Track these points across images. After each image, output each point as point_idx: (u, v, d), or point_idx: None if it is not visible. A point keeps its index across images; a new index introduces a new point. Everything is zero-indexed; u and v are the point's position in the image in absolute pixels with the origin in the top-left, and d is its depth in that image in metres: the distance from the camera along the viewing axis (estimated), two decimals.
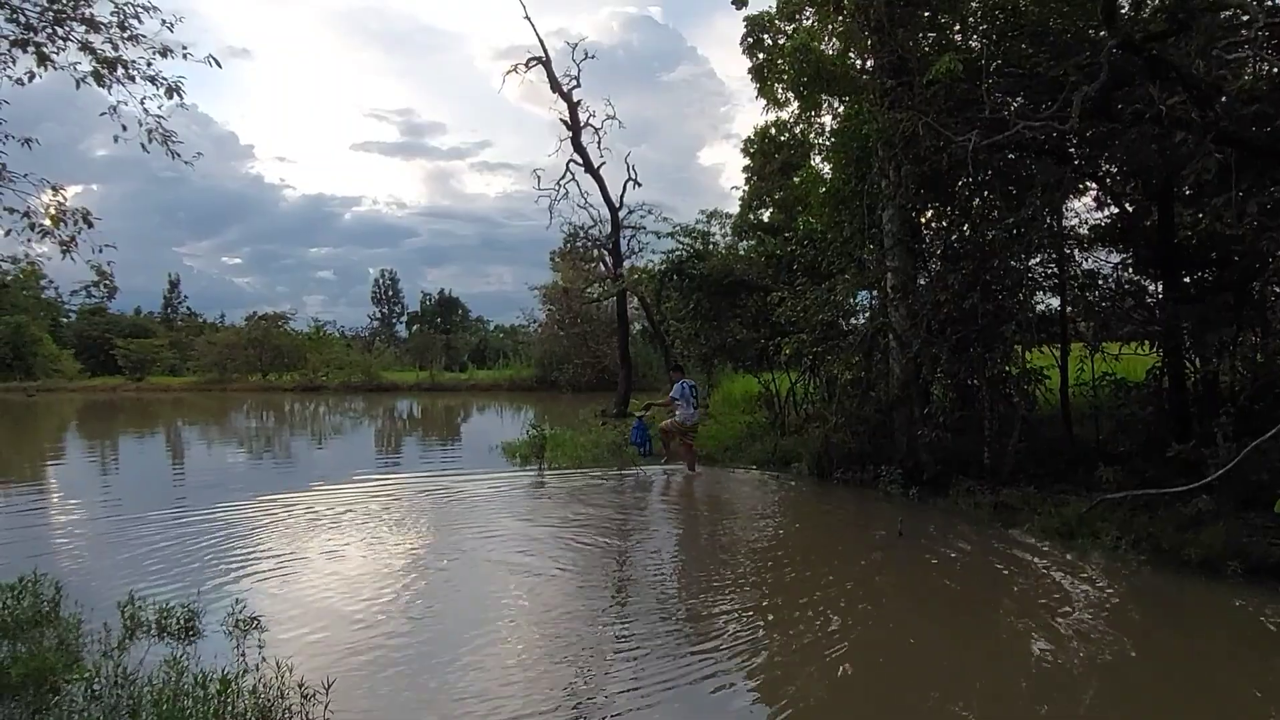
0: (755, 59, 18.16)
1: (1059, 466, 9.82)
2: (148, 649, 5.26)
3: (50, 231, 6.47)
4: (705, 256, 16.43)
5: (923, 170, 10.44)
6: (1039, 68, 9.46)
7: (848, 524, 9.71)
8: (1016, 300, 10.06)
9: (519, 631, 5.90)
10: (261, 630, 5.68)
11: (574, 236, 30.69)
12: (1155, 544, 7.30)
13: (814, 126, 20.05)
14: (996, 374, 9.98)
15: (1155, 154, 9.12)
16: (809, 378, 14.47)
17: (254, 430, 25.24)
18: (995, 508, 9.06)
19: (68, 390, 47.54)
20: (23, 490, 13.00)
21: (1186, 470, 8.01)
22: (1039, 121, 8.28)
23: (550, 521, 9.73)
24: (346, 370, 44.95)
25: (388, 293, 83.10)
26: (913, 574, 7.47)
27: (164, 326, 65.39)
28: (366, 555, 8.15)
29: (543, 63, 24.40)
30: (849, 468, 11.35)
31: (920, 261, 11.69)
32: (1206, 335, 9.28)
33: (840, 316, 12.41)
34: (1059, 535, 8.06)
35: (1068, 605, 6.29)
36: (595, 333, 36.86)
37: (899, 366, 11.11)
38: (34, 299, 54.24)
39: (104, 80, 6.64)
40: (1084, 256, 11.14)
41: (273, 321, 50.92)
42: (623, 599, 6.81)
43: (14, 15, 6.51)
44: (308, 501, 10.92)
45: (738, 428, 15.91)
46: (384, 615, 6.20)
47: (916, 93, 10.22)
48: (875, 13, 10.95)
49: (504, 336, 61.02)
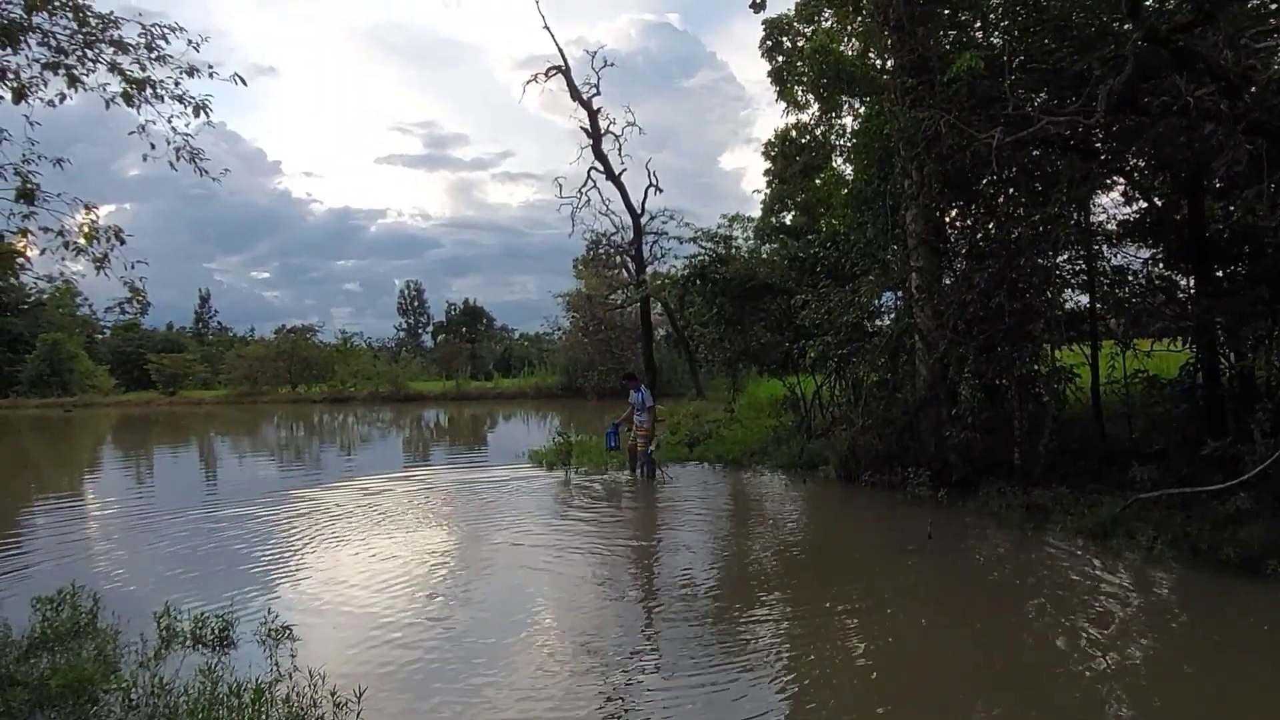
0: (774, 62, 18.17)
1: (1091, 466, 9.66)
2: (183, 659, 5.33)
3: (84, 249, 6.59)
4: (728, 261, 16.37)
5: (946, 169, 10.35)
6: (1062, 62, 9.36)
7: (876, 527, 9.62)
8: (1044, 298, 9.93)
9: (548, 637, 5.91)
10: (294, 640, 5.73)
11: (596, 244, 30.95)
12: (1192, 544, 7.15)
13: (835, 128, 19.98)
14: (1025, 373, 9.85)
15: (1184, 147, 8.99)
16: (834, 380, 14.39)
17: (284, 440, 25.55)
18: (1027, 509, 8.92)
19: (103, 405, 48.38)
20: (63, 503, 13.24)
21: (1223, 468, 7.87)
22: (1064, 117, 8.18)
23: (576, 526, 9.74)
24: (374, 381, 45.34)
25: (413, 303, 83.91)
26: (944, 577, 7.38)
27: (195, 341, 66.47)
28: (396, 559, 8.23)
29: (563, 72, 24.62)
30: (877, 470, 11.24)
31: (945, 261, 11.60)
32: (1241, 330, 9.11)
33: (865, 318, 12.32)
34: (1093, 536, 7.92)
35: (1104, 607, 6.18)
36: (619, 339, 36.89)
37: (925, 367, 11.01)
38: (70, 316, 55.38)
39: (133, 100, 6.76)
40: (1113, 252, 11.00)
41: (301, 334, 51.53)
42: (651, 603, 6.80)
43: (45, 39, 6.66)
44: (338, 507, 11.02)
45: (764, 431, 15.84)
46: (414, 621, 6.24)
47: (938, 91, 10.15)
48: (895, 12, 10.91)
49: (529, 345, 61.41)
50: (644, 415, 13.16)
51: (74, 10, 6.61)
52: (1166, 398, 10.04)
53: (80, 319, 57.55)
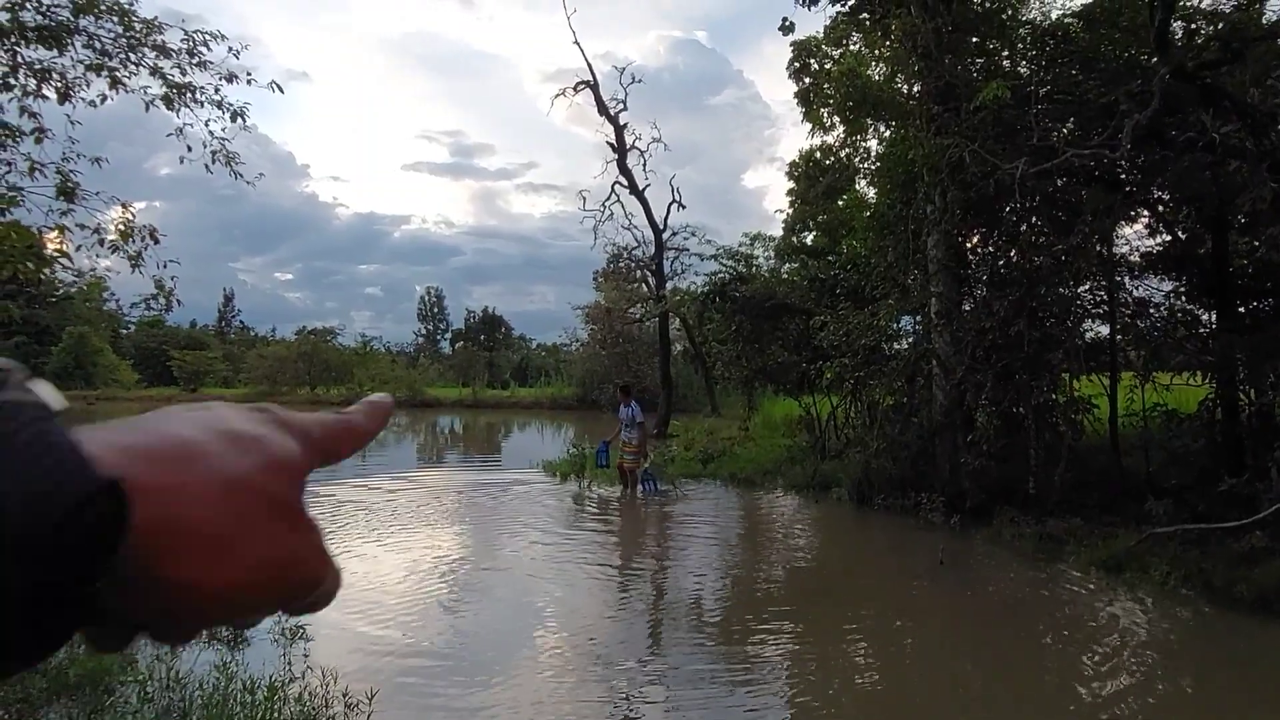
0: (801, 83, 18.25)
1: (1107, 498, 9.61)
2: (199, 654, 5.41)
3: (119, 247, 6.75)
4: (748, 279, 16.44)
5: (969, 195, 10.37)
6: (1089, 94, 9.38)
7: (888, 552, 9.60)
8: (1065, 328, 9.92)
9: (555, 644, 5.97)
10: (306, 639, 5.81)
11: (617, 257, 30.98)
12: (1206, 580, 7.09)
13: (859, 151, 20.02)
14: (1043, 402, 9.82)
15: (1209, 182, 8.97)
16: (850, 402, 14.37)
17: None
18: (1040, 539, 8.88)
19: (125, 400, 48.96)
20: None
21: (1239, 505, 7.80)
22: (1089, 149, 8.21)
23: (587, 537, 9.80)
24: (391, 385, 45.56)
25: (433, 310, 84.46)
26: (955, 605, 7.36)
27: (218, 339, 67.21)
28: (408, 562, 8.32)
29: (591, 86, 24.81)
30: (890, 494, 11.21)
31: (965, 287, 11.59)
32: (1262, 366, 9.04)
33: (883, 341, 12.33)
34: (1106, 569, 7.87)
35: (1116, 642, 6.15)
36: (637, 353, 36.93)
37: (942, 393, 10.99)
38: (96, 310, 56.18)
39: (173, 104, 6.94)
40: (1135, 284, 10.96)
41: (321, 336, 52.00)
42: (658, 618, 6.84)
43: (90, 41, 6.85)
44: (351, 506, 11.14)
45: (778, 450, 15.84)
46: (425, 624, 6.32)
47: (963, 118, 10.19)
48: (923, 38, 10.96)
49: (546, 355, 61.48)
50: (633, 432, 12.86)
51: (119, 15, 6.80)
52: (1185, 432, 9.97)
53: (106, 314, 58.42)
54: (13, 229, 5.88)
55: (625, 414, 12.97)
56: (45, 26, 6.37)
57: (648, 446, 13.42)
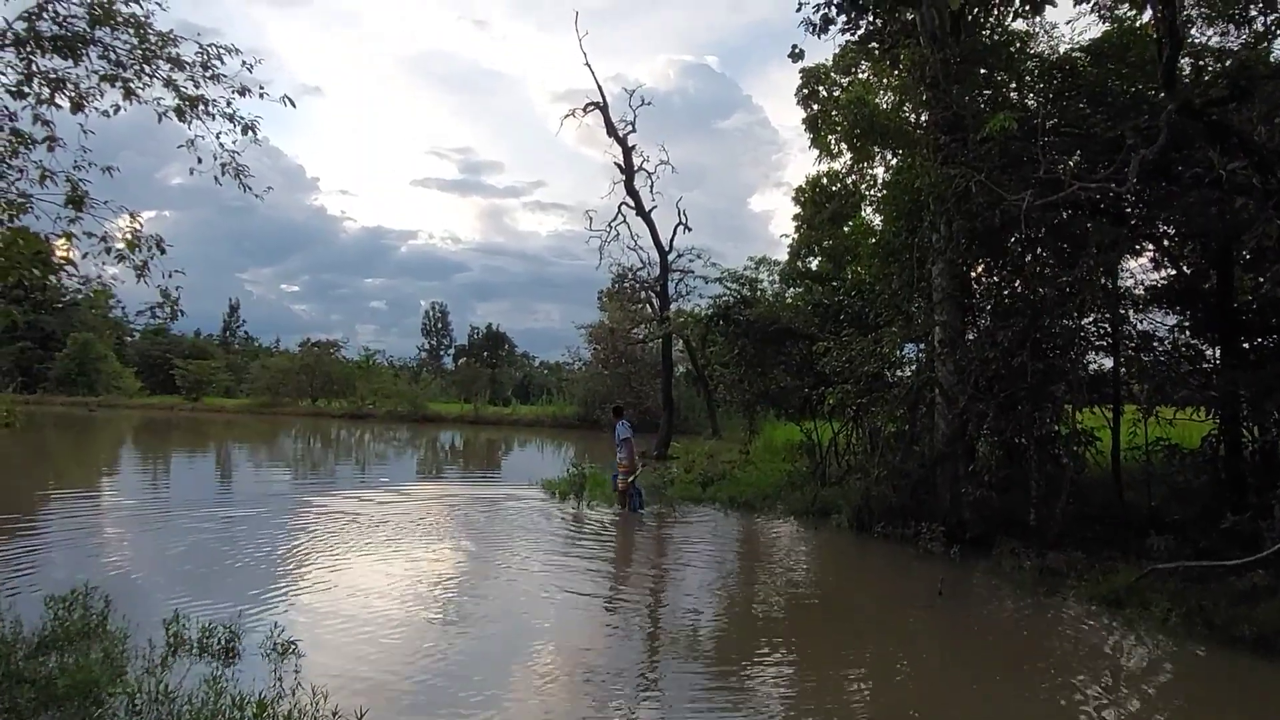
0: (809, 110, 18.35)
1: (1108, 532, 9.53)
2: (189, 667, 5.37)
3: (126, 256, 6.74)
4: (752, 303, 16.43)
5: (974, 225, 10.36)
6: (1095, 127, 9.42)
7: (887, 580, 9.53)
8: (1068, 360, 9.89)
9: (549, 665, 5.92)
10: (298, 655, 5.75)
11: (622, 277, 31.09)
12: (1207, 618, 7.01)
13: (866, 178, 20.09)
14: (1045, 433, 9.77)
15: (1215, 217, 8.97)
16: (852, 428, 14.32)
17: (301, 452, 25.74)
18: (1040, 571, 8.80)
19: (127, 407, 49.03)
20: (81, 499, 13.40)
21: (1242, 543, 7.75)
22: (1095, 183, 8.22)
23: (584, 558, 9.74)
24: (393, 400, 45.62)
25: (437, 325, 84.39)
26: (953, 637, 7.29)
27: (222, 349, 67.27)
28: (403, 578, 8.29)
29: (600, 108, 24.98)
30: (890, 522, 11.12)
31: (969, 316, 11.58)
32: (1265, 404, 9.00)
33: (886, 368, 12.29)
34: (1107, 604, 7.78)
35: (1115, 678, 6.09)
36: (639, 373, 36.93)
37: (944, 422, 10.94)
38: (102, 317, 56.25)
39: (185, 116, 6.96)
40: (1139, 317, 10.93)
41: (325, 349, 52.09)
42: (654, 641, 6.78)
43: (105, 52, 6.89)
44: (350, 519, 11.09)
45: (778, 475, 15.76)
46: (419, 642, 6.27)
47: (970, 149, 10.23)
48: (931, 69, 11.02)
49: (549, 373, 61.51)
50: (621, 451, 13.39)
51: (135, 26, 6.83)
52: (1187, 467, 9.91)
53: (111, 321, 58.46)
54: (20, 235, 5.89)
55: (617, 432, 13.62)
56: (61, 36, 6.41)
57: (637, 464, 13.63)
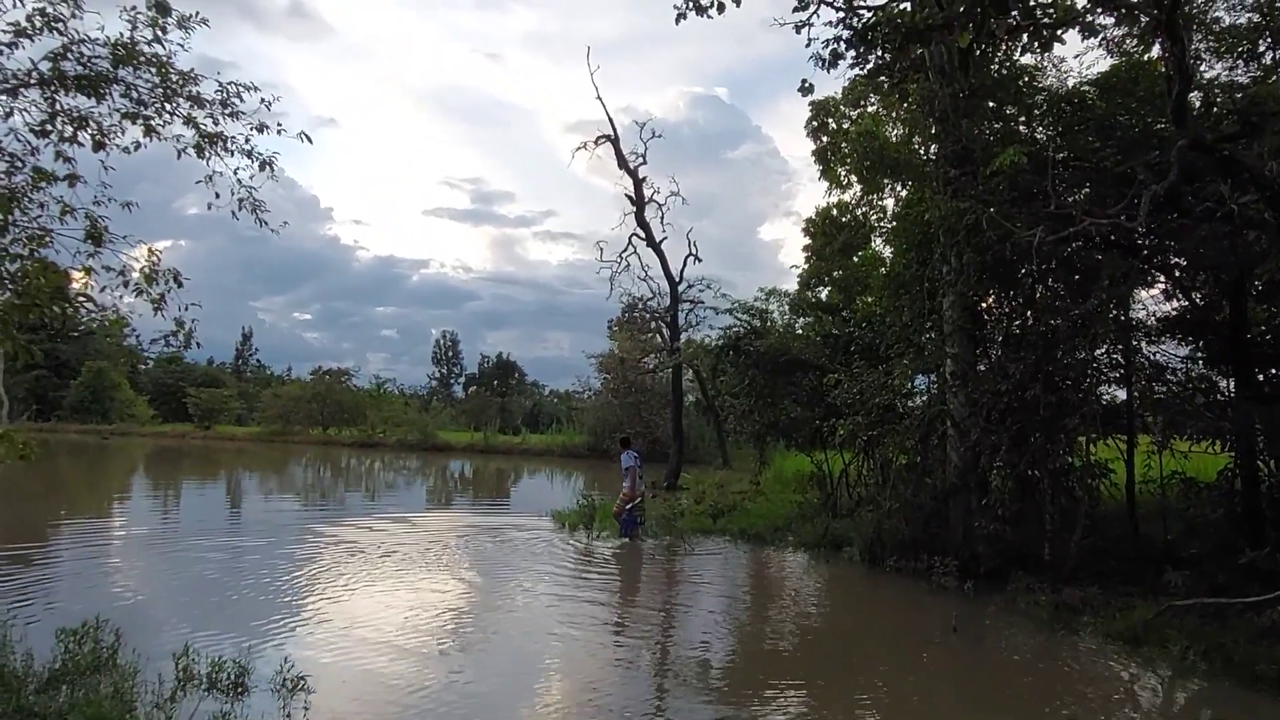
0: (819, 142, 18.54)
1: (1124, 566, 9.42)
2: (198, 703, 5.35)
3: (144, 290, 6.83)
4: (762, 333, 16.46)
5: (985, 258, 10.36)
6: (1106, 161, 9.44)
7: (900, 615, 9.42)
8: (1081, 391, 9.83)
9: (558, 700, 5.88)
10: (307, 691, 5.70)
11: (632, 307, 31.19)
12: (1227, 656, 6.89)
13: (876, 209, 20.20)
14: (1059, 466, 9.70)
15: (1227, 250, 8.97)
16: (863, 460, 14.24)
17: (311, 481, 25.76)
18: (1056, 607, 8.67)
19: (140, 435, 49.21)
20: (93, 528, 13.44)
21: (1261, 579, 7.64)
22: (1106, 218, 8.23)
23: (593, 590, 9.68)
24: (404, 428, 45.65)
25: (448, 353, 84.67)
26: (968, 675, 7.20)
27: (234, 377, 67.64)
28: (411, 610, 8.27)
29: (611, 140, 25.23)
30: (902, 556, 11.00)
31: (980, 349, 11.55)
32: None
33: (897, 400, 12.24)
34: (1124, 641, 7.66)
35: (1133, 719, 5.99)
36: (649, 403, 36.87)
37: (956, 454, 10.87)
38: (116, 346, 56.75)
39: (204, 152, 7.08)
40: (1151, 349, 10.87)
41: (336, 377, 52.22)
42: (663, 675, 6.72)
43: (127, 91, 7.03)
44: (359, 549, 11.08)
45: (788, 506, 15.67)
46: (426, 680, 6.23)
47: (980, 182, 10.27)
48: (940, 103, 11.11)
49: (558, 402, 61.47)
50: (626, 480, 13.62)
51: (157, 65, 6.98)
52: (1203, 501, 9.81)
53: (125, 349, 58.95)
54: (42, 271, 5.97)
55: (621, 462, 13.98)
56: (85, 76, 6.55)
57: (639, 493, 13.72)
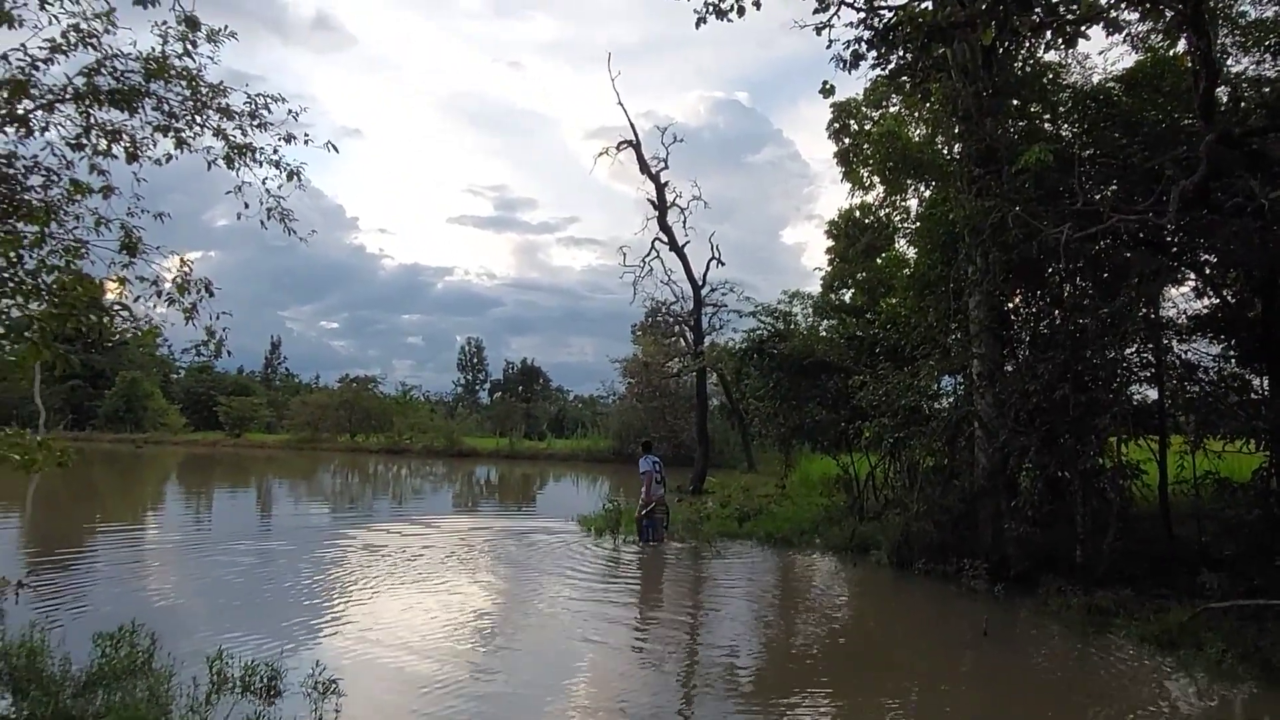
0: (841, 143, 18.44)
1: (1158, 568, 9.27)
2: (232, 706, 5.43)
3: (176, 299, 6.96)
4: (786, 336, 16.40)
5: (1011, 257, 10.27)
6: (1133, 158, 9.33)
7: (929, 619, 9.34)
8: (1111, 391, 9.70)
9: (587, 705, 5.90)
10: (339, 694, 5.76)
11: (655, 311, 31.27)
12: (1265, 660, 6.76)
13: (899, 210, 20.08)
14: (1090, 467, 9.57)
15: (1257, 246, 8.81)
16: (889, 462, 14.14)
17: (340, 486, 26.05)
18: (1088, 610, 8.54)
19: (172, 444, 49.97)
20: (128, 534, 13.68)
21: None
22: (1134, 215, 8.14)
23: (620, 595, 9.71)
24: (430, 435, 46.00)
25: (473, 360, 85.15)
26: (999, 678, 7.12)
27: (263, 386, 68.49)
28: (440, 615, 8.35)
29: (633, 146, 25.29)
30: (931, 559, 10.90)
31: (1008, 349, 11.43)
32: None
33: (923, 401, 12.14)
34: (1159, 644, 7.53)
35: None
36: (674, 407, 36.87)
37: (985, 456, 10.77)
38: (149, 356, 57.69)
39: (233, 163, 7.23)
40: (1183, 347, 10.69)
41: (363, 384, 52.76)
42: (690, 682, 6.72)
43: (160, 104, 7.19)
44: (388, 554, 11.18)
45: (815, 510, 15.61)
46: (456, 682, 6.28)
47: (1005, 181, 10.19)
48: (963, 101, 11.04)
49: (583, 407, 61.69)
50: (644, 485, 13.67)
51: (188, 79, 7.13)
52: (1238, 502, 9.61)
53: (158, 359, 59.89)
54: (79, 281, 6.11)
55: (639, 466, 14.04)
56: (118, 90, 6.71)
57: (653, 497, 13.68)
